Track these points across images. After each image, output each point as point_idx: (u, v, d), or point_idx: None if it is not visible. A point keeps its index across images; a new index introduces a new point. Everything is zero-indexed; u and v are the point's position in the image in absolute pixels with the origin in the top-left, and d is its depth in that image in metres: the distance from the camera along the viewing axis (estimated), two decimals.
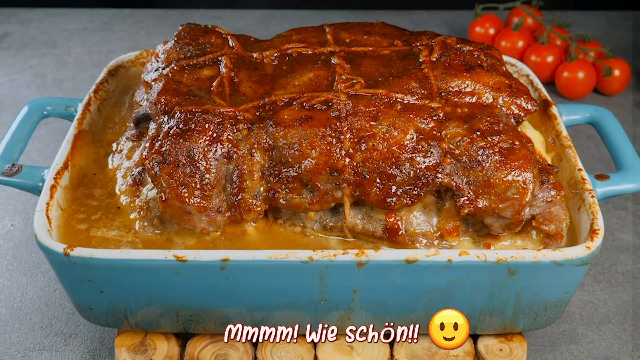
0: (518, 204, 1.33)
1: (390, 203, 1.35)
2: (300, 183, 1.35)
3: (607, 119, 1.64)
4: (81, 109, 1.66)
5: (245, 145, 1.37)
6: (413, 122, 1.36)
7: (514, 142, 1.35)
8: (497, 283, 1.32)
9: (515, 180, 1.32)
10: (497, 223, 1.36)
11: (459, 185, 1.34)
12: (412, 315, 1.37)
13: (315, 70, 1.48)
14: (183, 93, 1.44)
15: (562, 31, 2.41)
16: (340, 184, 1.35)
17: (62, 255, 1.30)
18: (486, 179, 1.33)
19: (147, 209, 1.43)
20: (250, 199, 1.37)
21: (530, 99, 1.45)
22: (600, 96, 2.36)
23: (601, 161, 2.07)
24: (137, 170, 1.49)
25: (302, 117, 1.37)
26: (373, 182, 1.34)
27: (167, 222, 1.42)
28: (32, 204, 1.89)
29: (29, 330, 1.56)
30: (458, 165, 1.35)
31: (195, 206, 1.34)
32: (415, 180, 1.34)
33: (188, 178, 1.34)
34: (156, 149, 1.36)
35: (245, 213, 1.37)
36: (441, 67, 1.46)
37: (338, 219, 1.40)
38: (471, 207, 1.34)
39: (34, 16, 2.84)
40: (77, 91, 2.38)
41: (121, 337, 1.45)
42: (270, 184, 1.36)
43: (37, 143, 2.13)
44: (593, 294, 1.65)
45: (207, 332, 1.44)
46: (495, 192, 1.33)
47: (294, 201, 1.37)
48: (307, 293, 1.33)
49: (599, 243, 1.32)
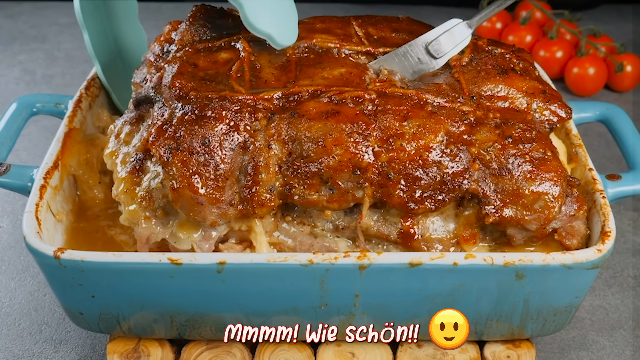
0: (545, 217, 1.33)
1: (413, 208, 1.34)
2: (320, 180, 1.34)
3: (619, 116, 1.65)
4: (72, 106, 1.66)
5: (264, 136, 1.34)
6: (443, 125, 1.35)
7: (545, 152, 1.35)
8: (505, 287, 1.33)
9: (545, 193, 1.32)
10: (519, 235, 1.36)
11: (486, 193, 1.34)
12: (416, 320, 1.37)
13: (349, 67, 1.45)
14: (199, 77, 1.41)
15: (571, 25, 2.41)
16: (362, 184, 1.34)
17: (52, 258, 1.30)
18: (515, 189, 1.33)
19: (149, 199, 1.40)
20: (264, 193, 1.34)
21: (564, 106, 1.44)
22: (612, 93, 2.36)
23: (612, 160, 2.07)
24: (138, 157, 1.44)
25: (329, 110, 1.35)
26: (397, 184, 1.33)
27: (170, 214, 1.40)
28: (21, 205, 1.89)
29: (17, 337, 1.56)
30: (486, 172, 1.34)
31: (207, 197, 1.32)
32: (441, 185, 1.33)
33: (202, 167, 1.32)
34: (169, 134, 1.34)
35: (257, 207, 1.35)
36: (473, 72, 1.46)
37: (352, 219, 1.39)
38: (497, 217, 1.34)
39: (23, 9, 2.84)
40: (68, 88, 2.38)
41: (113, 344, 1.45)
42: (287, 178, 1.34)
43: (26, 141, 2.13)
44: (604, 299, 1.65)
45: (202, 338, 1.44)
46: (523, 203, 1.33)
47: (311, 198, 1.35)
48: (306, 298, 1.33)
49: (610, 246, 1.33)
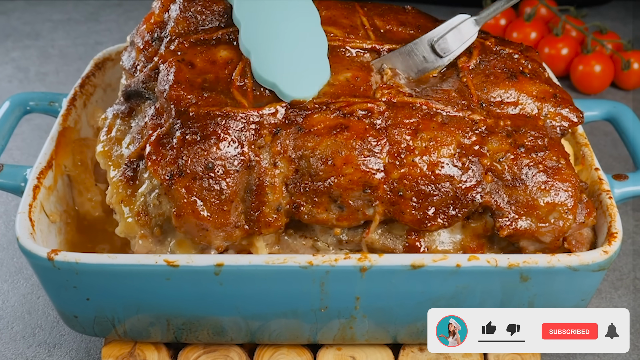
0: (559, 229, 1.32)
1: (426, 225, 1.31)
2: (329, 198, 1.30)
3: (625, 115, 1.64)
4: (66, 105, 1.66)
5: (269, 154, 1.30)
6: (455, 136, 1.32)
7: (559, 160, 1.33)
8: (509, 290, 1.33)
9: (560, 204, 1.31)
10: (532, 247, 1.35)
11: (500, 205, 1.32)
12: (418, 324, 1.37)
13: (354, 71, 1.41)
14: (198, 86, 1.35)
15: (577, 22, 2.41)
16: (372, 202, 1.30)
17: (46, 260, 1.30)
18: (529, 200, 1.31)
19: (146, 215, 1.36)
20: (271, 213, 1.30)
21: (575, 110, 1.41)
22: (618, 91, 2.36)
23: (619, 160, 2.07)
24: (132, 164, 1.39)
25: (337, 125, 1.31)
26: (409, 201, 1.30)
27: (168, 232, 1.37)
28: (14, 206, 1.89)
29: (10, 340, 1.56)
30: (499, 183, 1.32)
31: (212, 222, 1.29)
32: (454, 201, 1.31)
33: (206, 192, 1.28)
34: (171, 158, 1.29)
35: (264, 228, 1.31)
36: (481, 75, 1.43)
37: (356, 234, 1.36)
38: (511, 229, 1.32)
39: (16, 6, 2.84)
40: (62, 85, 2.38)
41: (108, 347, 1.45)
42: (295, 196, 1.30)
43: (19, 141, 2.13)
44: (611, 301, 1.65)
45: (200, 341, 1.44)
46: (538, 215, 1.31)
47: (319, 217, 1.31)
48: (306, 300, 1.33)
49: (616, 247, 1.32)
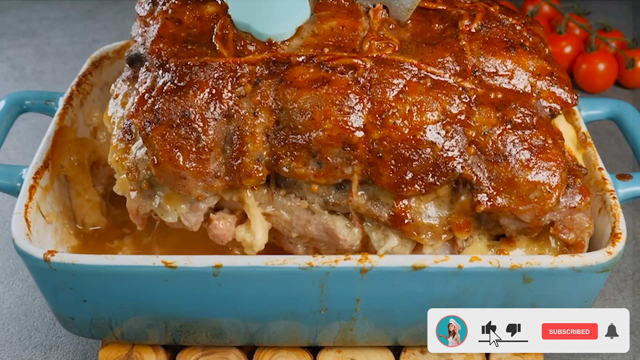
0: (540, 209, 1.31)
1: (403, 189, 1.31)
2: (308, 153, 1.31)
3: (630, 114, 1.64)
4: (62, 104, 1.66)
5: (249, 104, 1.32)
6: (441, 103, 1.31)
7: (546, 140, 1.32)
8: (511, 291, 1.32)
9: (541, 183, 1.30)
10: (513, 225, 1.35)
11: (480, 179, 1.31)
12: (419, 326, 1.37)
13: (340, 18, 1.39)
14: (181, 40, 1.38)
15: (581, 19, 2.41)
16: (351, 160, 1.31)
17: (42, 261, 1.30)
18: (510, 177, 1.30)
19: (135, 170, 1.37)
20: (251, 163, 1.32)
21: (571, 91, 1.40)
22: (622, 89, 2.36)
23: (623, 160, 2.07)
24: (127, 124, 1.41)
25: (318, 78, 1.31)
26: (387, 163, 1.31)
27: (156, 186, 1.38)
28: (10, 206, 1.89)
29: (6, 343, 1.56)
30: (482, 157, 1.32)
31: (190, 171, 1.31)
32: (433, 168, 1.30)
33: (183, 140, 1.30)
34: (148, 106, 1.32)
35: (245, 179, 1.32)
36: (480, 41, 1.40)
37: (342, 196, 1.37)
38: (488, 205, 1.32)
39: (12, 3, 2.84)
40: (58, 84, 2.38)
41: (105, 350, 1.45)
42: (274, 148, 1.31)
43: (15, 140, 2.13)
44: (615, 303, 1.65)
45: (198, 343, 1.44)
46: (517, 193, 1.31)
47: (298, 171, 1.32)
48: (306, 302, 1.33)
49: (621, 248, 1.32)
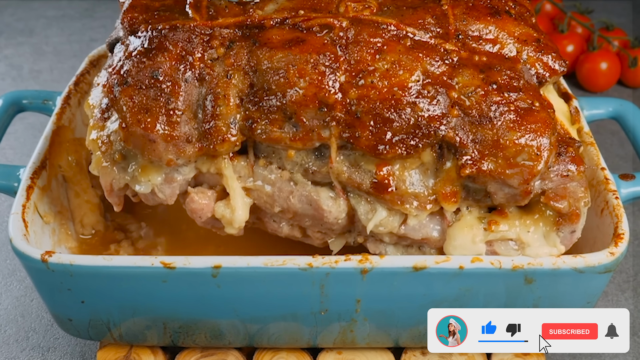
0: (528, 172, 1.26)
1: (382, 151, 1.27)
2: (283, 115, 1.28)
3: (633, 113, 1.64)
4: (60, 103, 1.66)
5: (222, 66, 1.30)
6: (421, 63, 1.29)
7: (533, 103, 1.29)
8: (513, 292, 1.32)
9: (529, 145, 1.25)
10: (501, 192, 1.30)
11: (463, 142, 1.27)
12: (420, 327, 1.37)
13: None
14: (154, 9, 1.37)
15: (583, 18, 2.41)
16: (328, 122, 1.28)
17: (40, 261, 1.30)
18: (495, 139, 1.26)
19: (108, 143, 1.36)
20: (224, 127, 1.29)
21: (559, 58, 1.38)
22: (625, 89, 2.36)
23: (626, 159, 2.07)
24: (105, 102, 1.40)
25: (292, 39, 1.29)
26: (366, 124, 1.27)
27: (130, 158, 1.36)
28: (7, 206, 1.89)
29: (3, 344, 1.56)
30: (465, 119, 1.27)
31: (160, 134, 1.28)
32: (414, 129, 1.27)
33: (152, 102, 1.29)
34: (116, 69, 1.31)
35: (218, 144, 1.30)
36: (463, 6, 1.38)
37: (322, 164, 1.33)
38: (474, 169, 1.27)
39: (9, 2, 2.84)
40: (56, 83, 2.38)
41: (104, 351, 1.45)
42: (249, 112, 1.29)
43: (12, 140, 2.13)
44: (617, 304, 1.65)
45: (197, 345, 1.44)
46: (504, 156, 1.26)
47: (273, 134, 1.29)
48: (306, 303, 1.33)
49: (623, 249, 1.32)
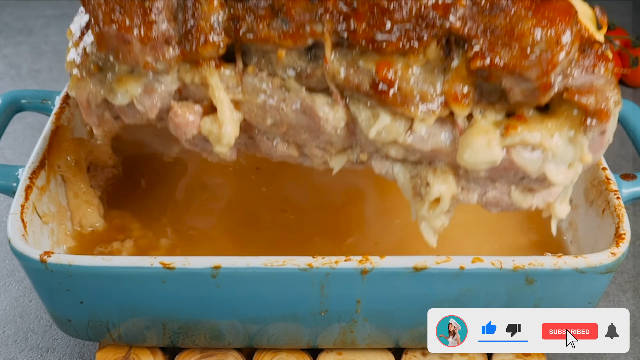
0: (547, 62, 1.13)
1: (381, 42, 1.16)
2: (271, 10, 1.19)
3: (634, 113, 1.64)
4: (59, 103, 1.65)
5: None
6: None
7: None
8: (514, 292, 1.32)
9: (547, 33, 1.12)
10: (517, 88, 1.17)
11: (474, 33, 1.15)
12: (421, 327, 1.37)
13: None
14: None
15: None
16: (321, 16, 1.18)
17: (39, 262, 1.29)
18: (509, 28, 1.13)
19: (84, 55, 1.28)
20: (206, 26, 1.20)
21: None
22: (626, 88, 2.36)
23: (627, 159, 2.07)
24: (84, 21, 1.32)
25: None
26: (363, 14, 1.16)
27: (106, 69, 1.30)
28: (6, 206, 1.89)
29: (2, 344, 1.56)
30: (474, 9, 1.16)
31: (135, 34, 1.20)
32: (418, 20, 1.16)
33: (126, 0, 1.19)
34: None
35: (201, 46, 1.21)
36: None
37: (316, 65, 1.23)
38: (485, 60, 1.14)
39: (8, 1, 2.84)
40: (55, 83, 2.38)
41: (103, 352, 1.45)
42: (234, 10, 1.20)
43: (10, 139, 2.13)
44: (619, 305, 1.65)
45: (196, 346, 1.44)
46: (520, 46, 1.13)
47: (261, 33, 1.19)
48: (306, 303, 1.33)
49: (624, 249, 1.32)
